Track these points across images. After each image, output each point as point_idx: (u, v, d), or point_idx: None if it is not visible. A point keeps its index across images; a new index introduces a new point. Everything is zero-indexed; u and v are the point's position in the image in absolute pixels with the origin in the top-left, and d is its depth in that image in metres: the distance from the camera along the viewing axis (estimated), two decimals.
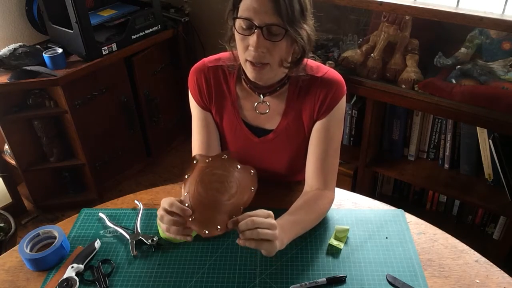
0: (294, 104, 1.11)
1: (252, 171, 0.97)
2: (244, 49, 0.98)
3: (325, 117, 1.09)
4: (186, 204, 0.92)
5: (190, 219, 0.91)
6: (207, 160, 0.98)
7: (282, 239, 0.94)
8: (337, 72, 1.11)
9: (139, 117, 2.41)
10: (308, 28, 0.99)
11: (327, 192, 1.10)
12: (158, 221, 1.07)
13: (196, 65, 1.15)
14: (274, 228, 0.89)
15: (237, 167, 0.97)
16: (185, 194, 0.93)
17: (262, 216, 0.90)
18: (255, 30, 0.93)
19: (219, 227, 0.90)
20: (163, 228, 0.93)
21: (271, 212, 0.91)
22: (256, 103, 1.11)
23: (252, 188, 0.95)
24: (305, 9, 0.97)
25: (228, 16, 1.01)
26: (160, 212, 0.92)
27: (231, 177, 0.95)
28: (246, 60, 0.98)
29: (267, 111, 1.11)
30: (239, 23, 0.96)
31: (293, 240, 1.04)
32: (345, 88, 1.10)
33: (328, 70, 1.10)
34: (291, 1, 0.92)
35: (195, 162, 0.98)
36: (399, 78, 1.77)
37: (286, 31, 0.94)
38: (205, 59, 1.15)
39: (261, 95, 1.10)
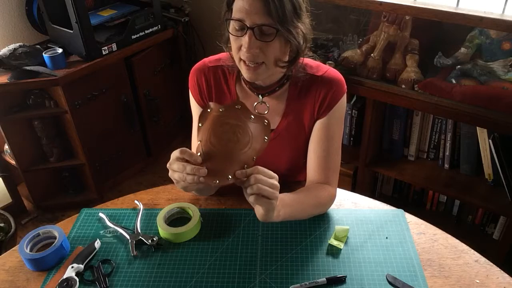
0: (294, 104, 1.11)
1: (266, 121, 0.98)
2: (237, 49, 0.98)
3: (326, 116, 1.09)
4: (199, 153, 0.93)
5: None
6: (220, 110, 0.97)
7: (279, 210, 0.97)
8: (337, 71, 1.11)
9: (139, 117, 2.41)
10: (303, 27, 0.99)
11: (328, 186, 1.11)
12: (158, 221, 1.07)
13: (196, 65, 1.16)
14: (275, 188, 0.91)
15: (251, 117, 0.97)
16: (198, 142, 0.95)
17: (267, 175, 0.91)
18: (247, 31, 0.94)
19: (230, 176, 0.91)
20: (174, 178, 0.95)
21: (276, 175, 0.93)
22: (255, 104, 1.11)
23: (266, 137, 0.96)
24: (299, 8, 0.97)
25: (223, 18, 1.01)
26: (171, 159, 0.94)
27: (244, 127, 0.95)
28: (241, 59, 0.99)
29: (266, 112, 1.11)
30: (232, 24, 0.97)
31: (293, 240, 1.04)
32: (345, 86, 1.10)
33: (328, 69, 1.10)
34: (282, 1, 0.92)
35: (209, 110, 0.98)
36: (399, 78, 1.77)
37: (277, 31, 0.94)
38: (206, 59, 1.15)
39: (260, 96, 1.10)
